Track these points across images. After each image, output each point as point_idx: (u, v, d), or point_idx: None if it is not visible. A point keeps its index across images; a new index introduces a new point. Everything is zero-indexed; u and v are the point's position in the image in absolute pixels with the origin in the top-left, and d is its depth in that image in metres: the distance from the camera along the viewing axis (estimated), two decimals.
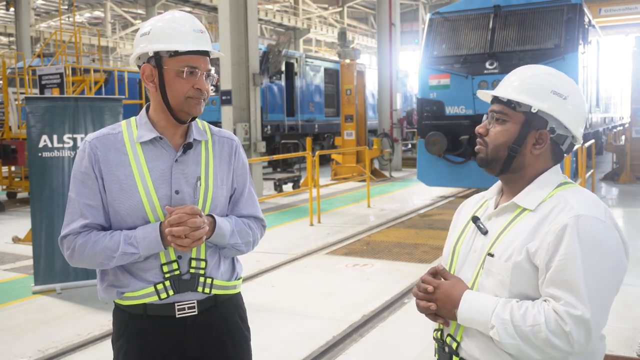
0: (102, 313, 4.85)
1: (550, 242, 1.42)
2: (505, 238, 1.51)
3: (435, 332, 1.65)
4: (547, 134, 1.54)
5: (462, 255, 1.62)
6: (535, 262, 1.44)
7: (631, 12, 21.30)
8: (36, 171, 5.76)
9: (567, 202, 1.47)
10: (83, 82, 13.31)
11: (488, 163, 1.59)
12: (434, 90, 10.99)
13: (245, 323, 2.02)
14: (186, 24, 1.82)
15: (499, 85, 1.63)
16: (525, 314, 1.40)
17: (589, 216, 1.43)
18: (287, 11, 34.11)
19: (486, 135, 1.59)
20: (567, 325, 1.35)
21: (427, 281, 1.57)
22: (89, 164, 1.82)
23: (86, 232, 1.82)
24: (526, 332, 1.39)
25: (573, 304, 1.36)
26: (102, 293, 1.89)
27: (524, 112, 1.54)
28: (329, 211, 10.15)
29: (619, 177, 13.15)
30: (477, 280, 1.54)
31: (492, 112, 1.59)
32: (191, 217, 1.73)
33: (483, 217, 1.63)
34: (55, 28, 28.36)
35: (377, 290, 5.52)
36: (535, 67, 1.62)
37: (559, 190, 1.54)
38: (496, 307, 1.44)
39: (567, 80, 1.58)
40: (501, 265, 1.48)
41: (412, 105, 23.27)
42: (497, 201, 1.65)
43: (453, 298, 1.52)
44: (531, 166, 1.56)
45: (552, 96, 1.53)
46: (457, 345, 1.56)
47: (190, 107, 1.81)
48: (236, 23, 11.27)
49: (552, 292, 1.40)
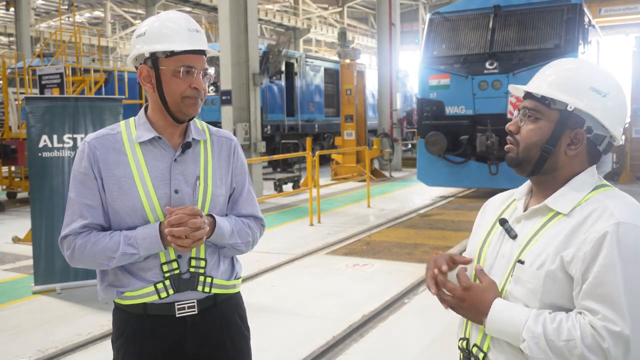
0: (102, 313, 4.85)
1: (587, 251, 1.32)
2: (536, 244, 1.41)
3: (461, 342, 1.56)
4: (583, 133, 1.42)
5: (489, 260, 1.51)
6: (570, 271, 1.34)
7: (631, 12, 21.33)
8: (36, 171, 5.76)
9: (607, 208, 1.36)
10: (83, 82, 13.31)
11: (519, 163, 1.48)
12: (434, 90, 11.00)
13: (245, 323, 2.02)
14: (181, 23, 1.82)
15: (532, 79, 1.51)
16: (559, 328, 1.31)
17: (631, 224, 1.32)
18: (287, 11, 34.11)
19: (517, 134, 1.48)
20: (605, 341, 1.26)
21: (461, 279, 1.46)
22: (88, 164, 1.83)
23: (86, 233, 1.82)
24: (560, 347, 1.30)
25: (612, 319, 1.26)
26: (102, 293, 1.89)
27: (559, 109, 1.42)
28: (329, 211, 10.15)
29: (619, 177, 13.16)
30: (505, 287, 1.45)
31: (525, 108, 1.47)
32: (192, 218, 1.73)
33: (511, 219, 1.52)
34: (55, 28, 28.36)
35: (377, 290, 5.52)
36: (573, 60, 1.51)
37: (595, 193, 1.42)
38: (528, 319, 1.35)
39: (608, 75, 1.45)
40: (532, 273, 1.38)
41: (412, 105, 23.27)
42: (527, 203, 1.53)
43: (483, 304, 1.42)
44: (565, 167, 1.45)
45: (591, 93, 1.41)
46: (484, 356, 1.47)
47: (187, 107, 1.81)
48: (236, 23, 11.27)
49: (588, 305, 1.30)
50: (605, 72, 1.46)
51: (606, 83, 1.43)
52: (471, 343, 1.52)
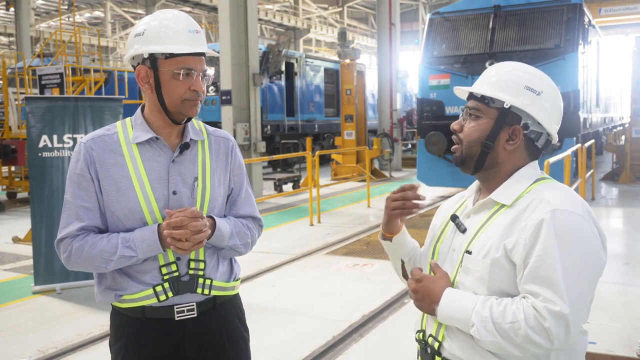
0: (102, 313, 4.85)
1: (527, 237, 1.40)
2: (482, 235, 1.50)
3: (418, 334, 1.64)
4: (520, 129, 1.52)
5: (442, 254, 1.61)
6: (512, 258, 1.43)
7: (631, 12, 21.33)
8: (36, 171, 5.76)
9: (544, 197, 1.45)
10: (83, 82, 13.31)
11: (462, 161, 1.58)
12: (434, 90, 10.99)
13: (244, 324, 2.00)
14: (181, 23, 1.78)
15: (478, 80, 1.60)
16: (504, 311, 1.38)
17: (566, 210, 1.41)
18: (287, 11, 34.10)
19: (461, 132, 1.58)
20: (546, 321, 1.34)
21: (413, 273, 1.55)
22: (85, 166, 1.79)
23: (83, 235, 1.79)
24: (506, 329, 1.37)
25: (552, 300, 1.34)
26: (100, 296, 1.86)
27: (497, 108, 1.52)
28: (329, 211, 10.15)
29: (619, 177, 13.14)
30: (456, 278, 1.53)
31: (467, 108, 1.58)
32: (192, 221, 1.70)
33: (462, 215, 1.61)
34: (55, 28, 28.37)
35: (377, 290, 5.52)
36: (512, 63, 1.60)
37: (536, 185, 1.52)
38: (476, 304, 1.42)
39: (543, 77, 1.56)
40: (479, 262, 1.47)
41: (412, 105, 23.27)
42: (476, 199, 1.64)
43: (433, 294, 1.50)
44: (505, 162, 1.55)
45: (525, 92, 1.51)
46: (439, 345, 1.54)
47: (186, 109, 1.79)
48: (236, 23, 11.27)
49: (530, 289, 1.38)
50: (541, 74, 1.56)
51: (541, 83, 1.54)
52: (427, 334, 1.60)
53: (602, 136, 17.52)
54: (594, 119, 12.64)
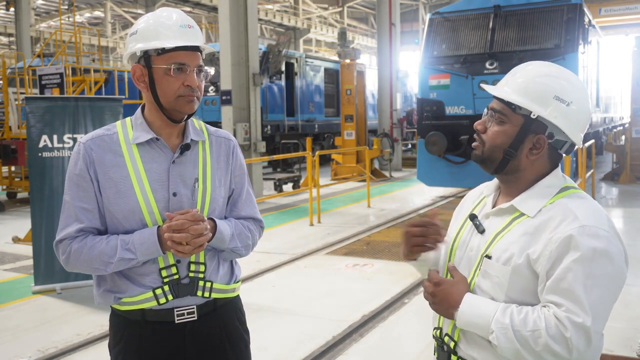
0: (102, 313, 4.85)
1: (552, 250, 1.40)
2: (502, 240, 1.48)
3: (435, 331, 1.64)
4: (545, 139, 1.49)
5: (459, 252, 1.60)
6: (535, 269, 1.42)
7: (631, 12, 21.32)
8: (36, 171, 5.76)
9: (571, 212, 1.44)
10: (83, 82, 13.31)
11: (483, 161, 1.57)
12: (434, 90, 10.98)
13: (244, 326, 1.99)
14: (172, 19, 1.76)
15: (504, 77, 1.56)
16: (525, 319, 1.38)
17: (594, 227, 1.40)
18: (287, 11, 34.09)
19: (484, 133, 1.56)
20: (567, 331, 1.33)
21: (431, 276, 1.54)
22: (84, 166, 1.77)
23: (82, 237, 1.76)
24: (526, 336, 1.36)
25: (574, 311, 1.34)
26: (99, 298, 1.84)
27: (523, 115, 1.49)
28: (329, 211, 10.15)
29: (619, 177, 13.14)
30: (474, 280, 1.52)
31: (492, 109, 1.54)
32: (193, 224, 1.67)
33: (480, 215, 1.60)
34: (55, 28, 28.36)
35: (377, 290, 5.52)
36: (542, 66, 1.54)
37: (560, 197, 1.50)
38: (496, 312, 1.42)
39: (574, 82, 1.51)
40: (499, 268, 1.46)
41: (412, 105, 23.26)
42: (495, 199, 1.61)
43: (452, 298, 1.49)
44: (527, 170, 1.53)
45: (555, 102, 1.46)
46: (455, 345, 1.55)
47: (182, 106, 1.75)
48: (236, 23, 11.27)
49: (553, 299, 1.38)
50: (572, 79, 1.51)
51: (571, 92, 1.49)
52: (444, 332, 1.60)
53: (602, 136, 17.51)
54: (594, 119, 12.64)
